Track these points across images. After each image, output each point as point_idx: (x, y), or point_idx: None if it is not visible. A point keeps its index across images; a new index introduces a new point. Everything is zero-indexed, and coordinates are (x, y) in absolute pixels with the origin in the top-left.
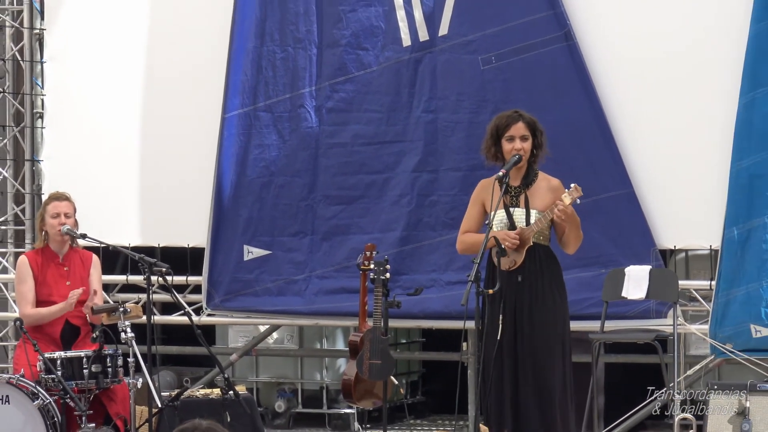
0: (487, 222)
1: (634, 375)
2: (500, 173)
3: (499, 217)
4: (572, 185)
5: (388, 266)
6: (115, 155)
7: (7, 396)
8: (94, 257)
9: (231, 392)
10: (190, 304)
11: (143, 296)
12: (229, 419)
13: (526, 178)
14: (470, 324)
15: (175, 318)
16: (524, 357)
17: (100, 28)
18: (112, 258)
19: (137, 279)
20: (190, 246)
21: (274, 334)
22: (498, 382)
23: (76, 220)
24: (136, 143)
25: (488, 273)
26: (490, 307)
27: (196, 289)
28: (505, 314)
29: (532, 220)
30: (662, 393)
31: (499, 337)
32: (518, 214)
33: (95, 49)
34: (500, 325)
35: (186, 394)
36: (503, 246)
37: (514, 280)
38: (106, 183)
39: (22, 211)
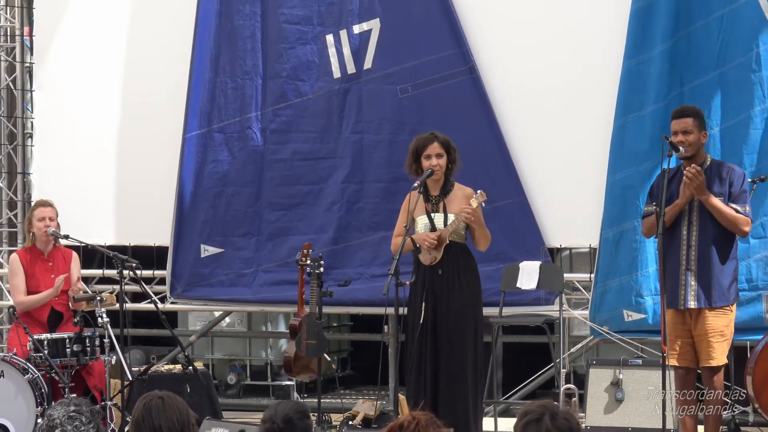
0: (405, 226)
1: (526, 353)
2: (415, 184)
3: (423, 221)
4: (478, 191)
5: (322, 262)
6: (93, 168)
7: (2, 371)
8: (74, 254)
9: (190, 367)
10: (156, 293)
11: (117, 287)
12: (189, 390)
13: (444, 188)
14: (390, 310)
15: (144, 305)
16: (443, 337)
17: (81, 62)
18: (91, 255)
19: (112, 273)
20: (156, 245)
21: (227, 319)
22: (419, 358)
23: (58, 223)
24: (111, 158)
25: (415, 267)
26: (414, 295)
27: (162, 281)
28: (427, 301)
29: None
30: (550, 367)
31: (422, 321)
32: (438, 218)
33: (77, 80)
34: (422, 312)
35: (153, 369)
36: (423, 246)
37: (435, 273)
38: (85, 192)
39: (15, 216)
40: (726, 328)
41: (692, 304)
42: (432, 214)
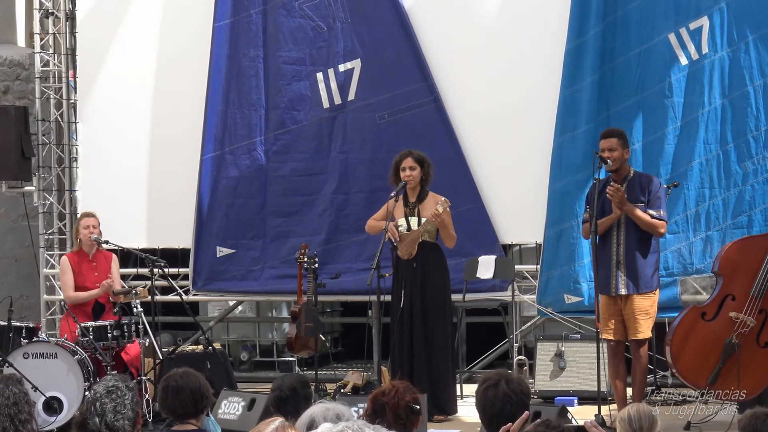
0: (393, 221)
1: (485, 330)
2: (392, 194)
3: (401, 222)
4: (443, 199)
5: (316, 259)
6: (127, 185)
7: (56, 353)
8: (114, 256)
9: (210, 347)
10: (181, 287)
11: (148, 282)
12: (209, 366)
13: (419, 196)
14: (373, 298)
15: (171, 297)
16: (417, 319)
17: (116, 98)
18: (127, 256)
19: (144, 270)
20: (180, 247)
21: (240, 307)
22: (399, 337)
23: (100, 231)
24: (142, 177)
25: (393, 261)
26: (395, 286)
27: (185, 277)
28: (405, 289)
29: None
30: (505, 342)
31: (401, 305)
32: (413, 220)
33: (113, 113)
34: (402, 298)
35: (179, 349)
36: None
37: (410, 266)
38: (121, 205)
39: (64, 225)
40: (650, 308)
41: (623, 291)
42: (409, 217)
